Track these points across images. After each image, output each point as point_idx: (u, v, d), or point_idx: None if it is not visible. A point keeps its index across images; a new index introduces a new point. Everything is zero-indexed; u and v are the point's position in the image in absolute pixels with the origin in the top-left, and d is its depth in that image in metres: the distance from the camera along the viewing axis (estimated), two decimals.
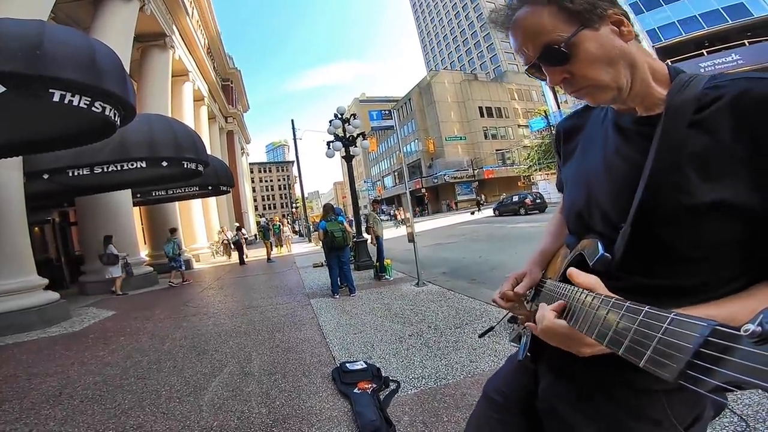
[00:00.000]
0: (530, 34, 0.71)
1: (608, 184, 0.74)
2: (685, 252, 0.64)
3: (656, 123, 0.67)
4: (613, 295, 0.58)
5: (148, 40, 13.79)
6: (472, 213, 31.49)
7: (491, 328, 1.28)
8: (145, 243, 13.88)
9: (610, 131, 0.77)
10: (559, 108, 34.52)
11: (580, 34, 0.66)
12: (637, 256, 0.68)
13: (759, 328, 0.32)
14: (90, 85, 3.54)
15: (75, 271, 10.47)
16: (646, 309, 0.45)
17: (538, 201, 23.99)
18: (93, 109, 3.74)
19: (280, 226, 20.02)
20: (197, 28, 19.08)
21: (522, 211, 23.54)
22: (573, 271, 0.68)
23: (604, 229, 0.74)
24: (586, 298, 0.60)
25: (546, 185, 35.05)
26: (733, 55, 22.09)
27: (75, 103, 3.53)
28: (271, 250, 14.70)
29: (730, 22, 23.57)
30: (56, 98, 3.39)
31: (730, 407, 1.84)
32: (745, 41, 22.75)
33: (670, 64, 0.73)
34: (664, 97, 0.68)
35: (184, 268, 10.68)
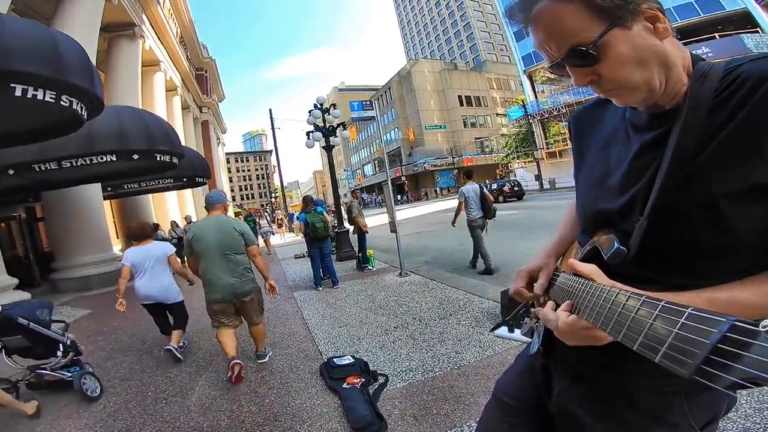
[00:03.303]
0: (553, 33, 0.65)
1: (628, 181, 0.71)
2: (704, 245, 0.62)
3: (673, 115, 0.65)
4: (621, 285, 0.56)
5: (116, 30, 13.08)
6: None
7: (504, 322, 1.30)
8: (117, 238, 13.44)
9: (629, 128, 0.74)
10: (536, 98, 34.93)
11: (610, 34, 0.61)
12: (653, 250, 0.66)
13: None
14: (54, 78, 3.40)
15: (45, 269, 10.05)
16: (662, 303, 0.44)
17: (516, 189, 24.43)
18: (61, 103, 3.60)
19: (255, 219, 16.53)
20: (169, 16, 18.24)
21: (500, 198, 23.91)
22: (573, 262, 0.66)
23: (620, 226, 0.71)
24: (599, 292, 0.58)
25: (523, 173, 35.69)
26: (703, 47, 22.82)
27: (39, 97, 3.38)
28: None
29: (702, 15, 24.27)
30: (18, 93, 3.24)
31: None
32: (716, 35, 23.53)
33: (692, 52, 0.69)
34: (686, 88, 0.65)
35: None
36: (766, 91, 0.55)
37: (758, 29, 22.76)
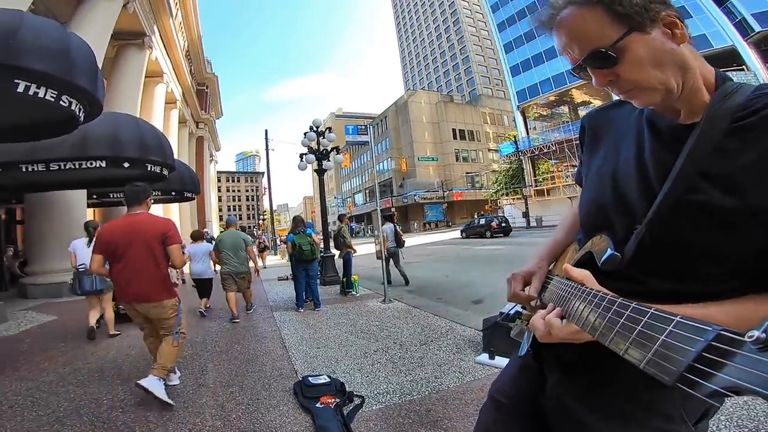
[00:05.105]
0: (575, 37, 0.69)
1: (636, 182, 0.72)
2: (698, 257, 0.63)
3: (690, 129, 0.66)
4: (608, 292, 0.57)
5: (126, 38, 13.19)
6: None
7: (495, 323, 1.28)
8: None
9: (645, 130, 0.75)
10: (528, 134, 35.85)
11: (629, 38, 0.64)
12: (647, 257, 0.67)
13: (764, 335, 0.31)
14: (60, 78, 3.40)
15: (18, 273, 9.65)
16: (651, 311, 0.44)
17: (503, 225, 24.65)
18: (60, 103, 3.60)
19: None
20: (179, 30, 18.56)
21: (488, 234, 24.07)
22: (567, 267, 0.67)
23: (620, 227, 0.72)
24: (590, 297, 0.58)
25: (511, 209, 36.13)
26: None
27: (41, 95, 3.37)
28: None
29: None
30: (20, 89, 3.22)
31: None
32: None
33: (718, 70, 0.71)
34: (707, 103, 0.66)
35: None
36: None
37: (743, 67, 22.85)
